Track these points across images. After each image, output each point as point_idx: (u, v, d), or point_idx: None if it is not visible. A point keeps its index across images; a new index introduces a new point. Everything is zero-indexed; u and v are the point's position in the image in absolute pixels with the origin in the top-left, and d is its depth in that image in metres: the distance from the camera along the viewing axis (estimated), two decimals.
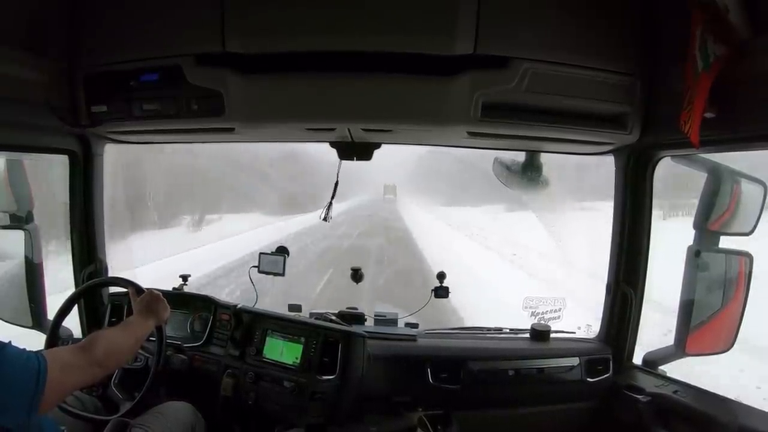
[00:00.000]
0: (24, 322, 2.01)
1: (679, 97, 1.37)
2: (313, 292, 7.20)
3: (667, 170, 1.86)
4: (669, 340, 1.87)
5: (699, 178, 1.76)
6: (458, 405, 1.92)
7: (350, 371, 1.81)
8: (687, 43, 1.33)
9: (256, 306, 2.11)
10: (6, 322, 2.02)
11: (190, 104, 1.63)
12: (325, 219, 2.09)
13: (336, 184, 2.05)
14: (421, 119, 1.61)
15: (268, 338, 1.91)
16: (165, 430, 1.57)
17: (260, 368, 1.87)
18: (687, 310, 1.80)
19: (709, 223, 1.76)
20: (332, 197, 2.06)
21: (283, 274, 2.10)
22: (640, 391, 1.82)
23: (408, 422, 1.81)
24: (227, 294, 6.09)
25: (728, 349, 1.79)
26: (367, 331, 1.98)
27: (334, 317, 2.09)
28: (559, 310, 2.15)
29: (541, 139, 1.77)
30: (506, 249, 11.12)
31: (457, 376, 1.91)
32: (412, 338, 2.03)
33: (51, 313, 1.89)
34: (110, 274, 2.16)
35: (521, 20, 1.49)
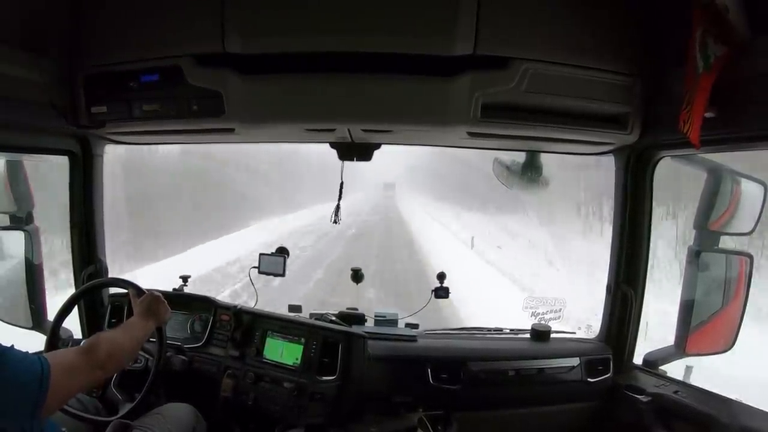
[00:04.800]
0: (24, 323, 2.01)
1: (680, 98, 1.37)
2: None
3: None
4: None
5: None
6: (458, 405, 1.91)
7: (350, 372, 1.81)
8: (687, 43, 1.33)
9: (256, 307, 2.11)
10: (6, 323, 2.02)
11: (190, 105, 1.63)
12: (335, 222, 2.11)
13: (341, 185, 2.06)
14: (421, 120, 1.61)
15: (268, 339, 1.91)
16: (165, 431, 1.57)
17: (260, 369, 1.87)
18: (687, 310, 1.80)
19: (709, 223, 1.76)
20: (339, 199, 2.08)
21: (283, 275, 2.10)
22: (641, 391, 1.82)
23: (408, 422, 1.81)
24: None
25: (728, 349, 1.79)
26: (367, 332, 1.98)
27: (334, 318, 2.09)
28: (560, 310, 2.15)
29: (541, 139, 1.77)
30: None
31: (457, 376, 1.91)
32: (413, 339, 2.03)
33: (51, 314, 1.89)
34: (110, 275, 2.16)
35: (521, 21, 1.49)
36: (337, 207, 2.09)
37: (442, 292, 2.12)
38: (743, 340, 1.75)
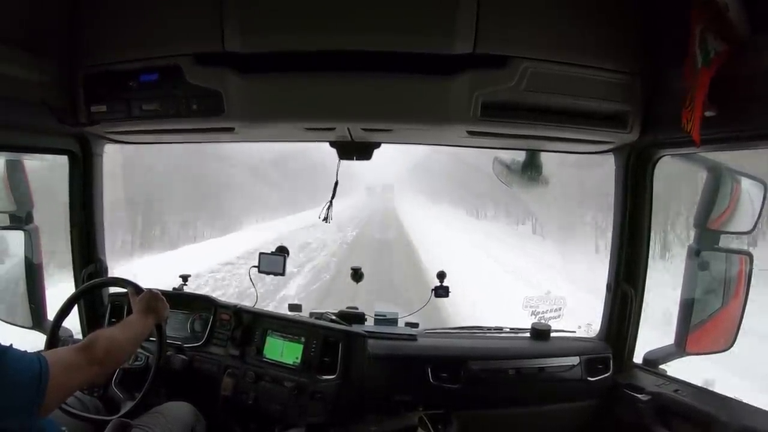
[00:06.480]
0: (24, 322, 2.01)
1: (680, 96, 1.37)
2: None
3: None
4: None
5: None
6: (458, 404, 1.91)
7: (351, 371, 1.81)
8: (687, 41, 1.33)
9: (256, 306, 2.11)
10: (6, 322, 2.02)
11: (189, 104, 1.63)
12: (325, 219, 2.06)
13: (336, 183, 2.04)
14: (421, 119, 1.61)
15: (268, 338, 1.91)
16: (165, 430, 1.57)
17: (260, 368, 1.87)
18: (687, 309, 1.80)
19: (709, 222, 1.76)
20: (332, 197, 2.05)
21: (283, 274, 2.10)
22: (641, 390, 1.82)
23: (408, 422, 1.81)
24: None
25: (728, 348, 1.79)
26: (367, 331, 1.98)
27: (334, 317, 2.09)
28: (560, 309, 2.15)
29: (541, 138, 1.77)
30: None
31: (457, 375, 1.91)
32: (413, 338, 2.03)
33: (51, 314, 1.89)
34: (110, 274, 2.16)
35: (521, 19, 1.49)
36: (329, 205, 2.05)
37: (441, 291, 2.12)
38: None
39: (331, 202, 2.05)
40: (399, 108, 1.57)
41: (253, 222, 19.02)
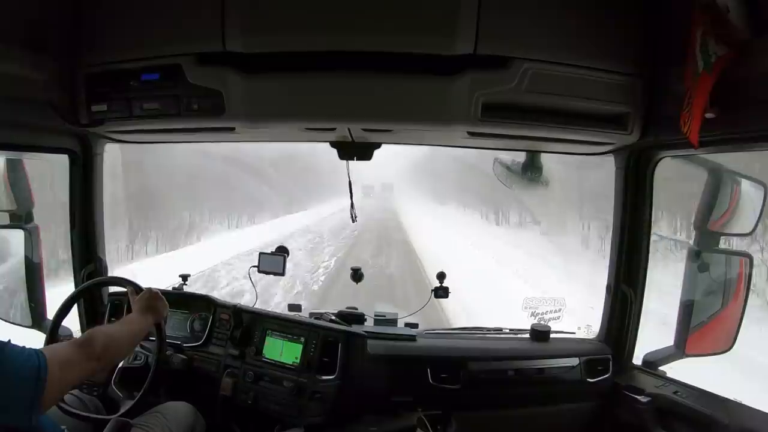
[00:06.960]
0: (23, 321, 2.01)
1: (680, 97, 1.37)
2: None
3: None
4: None
5: None
6: (458, 405, 1.91)
7: (350, 371, 1.81)
8: (688, 43, 1.33)
9: (255, 306, 2.11)
10: (6, 321, 2.02)
11: (190, 104, 1.63)
12: (353, 220, 2.23)
13: (350, 183, 2.11)
14: (422, 119, 1.61)
15: (267, 338, 1.91)
16: (165, 429, 1.57)
17: (260, 368, 1.87)
18: (687, 310, 1.80)
19: (709, 223, 1.76)
20: (351, 197, 2.16)
21: (283, 274, 2.10)
22: (640, 391, 1.82)
23: (407, 422, 1.81)
24: None
25: (728, 350, 1.79)
26: (366, 331, 1.99)
27: (333, 317, 2.09)
28: (559, 310, 2.15)
29: (541, 139, 1.77)
30: None
31: (456, 376, 1.91)
32: (412, 338, 2.03)
33: (50, 313, 1.88)
34: (110, 273, 2.16)
35: (522, 20, 1.49)
36: (351, 205, 2.19)
37: (441, 292, 2.12)
38: None
39: (351, 203, 2.19)
40: (399, 108, 1.57)
41: (225, 228, 16.98)
